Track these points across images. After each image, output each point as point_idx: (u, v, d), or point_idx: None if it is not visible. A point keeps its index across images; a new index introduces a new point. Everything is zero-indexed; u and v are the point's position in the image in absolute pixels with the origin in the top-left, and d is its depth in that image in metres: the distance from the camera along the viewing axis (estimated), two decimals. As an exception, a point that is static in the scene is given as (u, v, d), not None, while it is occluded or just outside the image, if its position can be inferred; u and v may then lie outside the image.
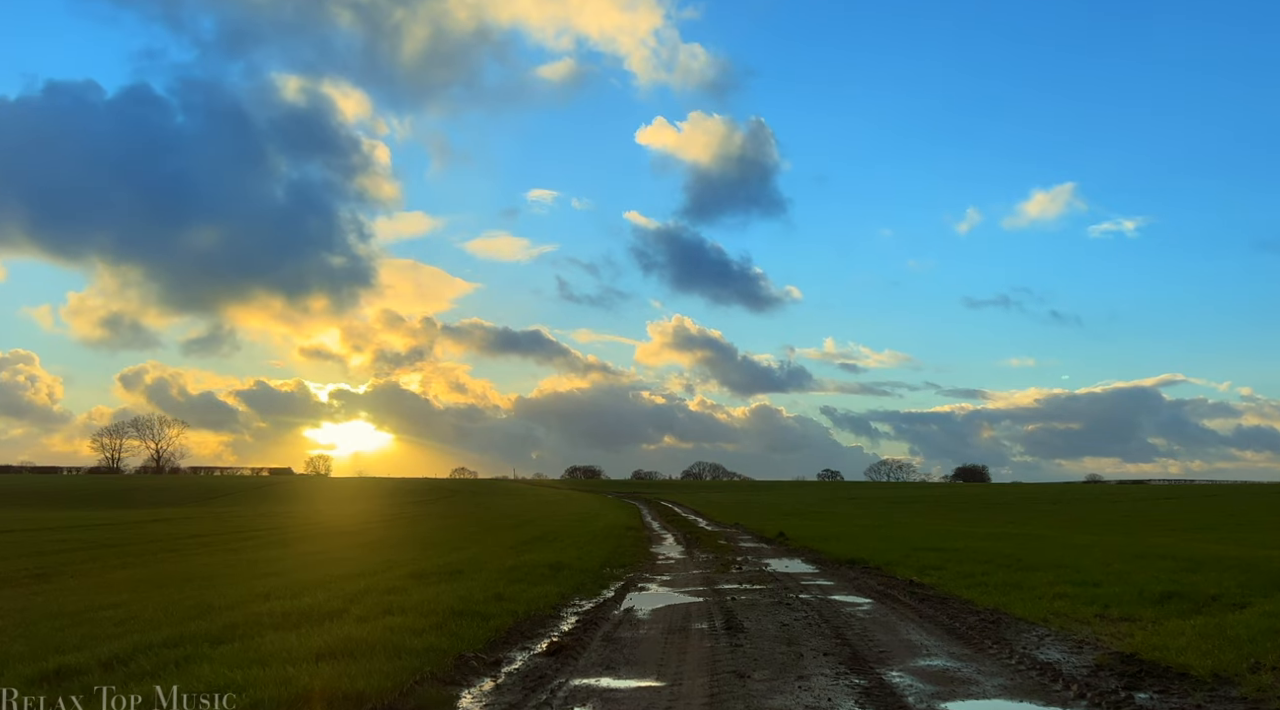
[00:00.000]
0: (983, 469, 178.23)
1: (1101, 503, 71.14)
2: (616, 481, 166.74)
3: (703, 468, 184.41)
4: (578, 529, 33.82)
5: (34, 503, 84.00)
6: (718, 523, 42.24)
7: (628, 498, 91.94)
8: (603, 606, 13.55)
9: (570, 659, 9.54)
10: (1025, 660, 9.25)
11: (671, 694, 8.01)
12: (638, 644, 10.46)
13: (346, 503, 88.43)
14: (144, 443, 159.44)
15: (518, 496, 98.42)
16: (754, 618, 12.29)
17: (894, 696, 7.81)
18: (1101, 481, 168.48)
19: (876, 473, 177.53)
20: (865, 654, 9.69)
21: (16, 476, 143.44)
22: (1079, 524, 42.44)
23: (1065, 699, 7.77)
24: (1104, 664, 8.96)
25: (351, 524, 46.29)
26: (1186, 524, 41.36)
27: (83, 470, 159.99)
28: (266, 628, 10.38)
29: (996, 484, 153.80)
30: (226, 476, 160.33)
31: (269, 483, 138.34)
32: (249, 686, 7.34)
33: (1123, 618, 11.56)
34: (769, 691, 8.02)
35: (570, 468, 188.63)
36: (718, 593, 15.15)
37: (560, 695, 7.98)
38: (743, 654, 9.75)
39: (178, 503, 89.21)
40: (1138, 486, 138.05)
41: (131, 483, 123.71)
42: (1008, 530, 33.06)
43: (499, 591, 13.62)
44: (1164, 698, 7.69)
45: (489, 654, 9.65)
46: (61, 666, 8.27)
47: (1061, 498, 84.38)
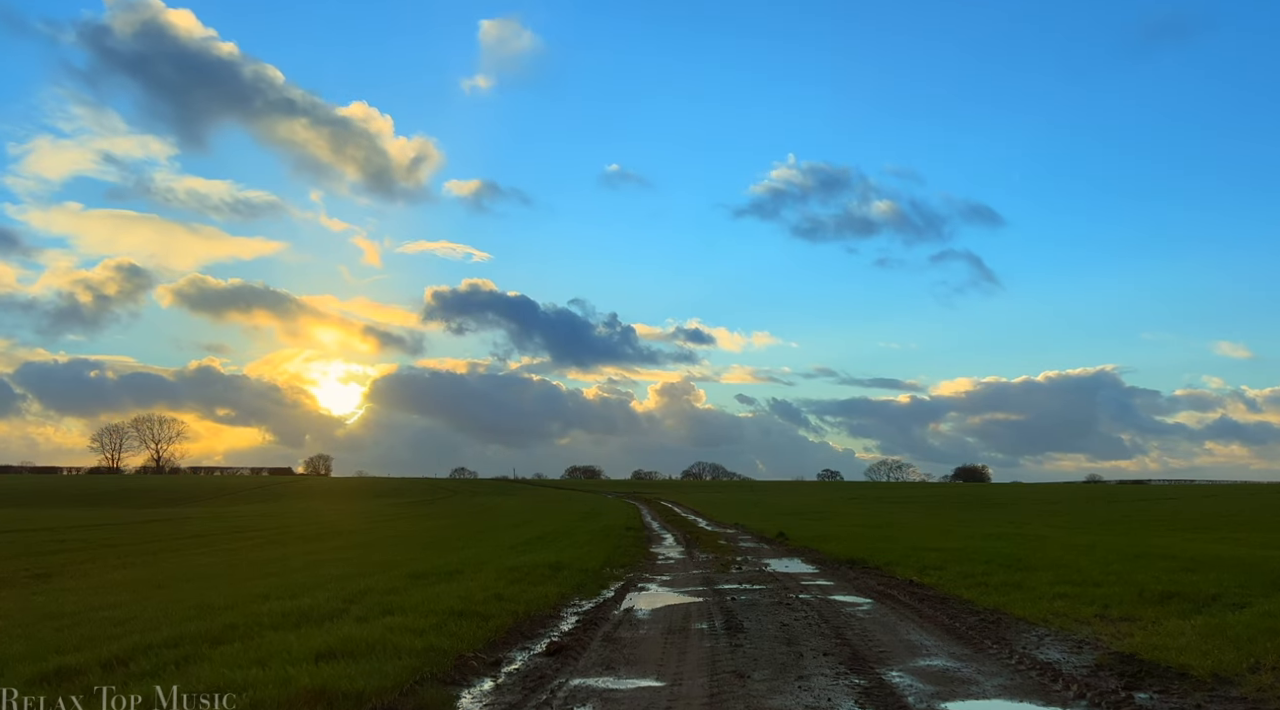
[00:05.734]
0: (983, 469, 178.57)
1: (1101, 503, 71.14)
2: (616, 481, 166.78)
3: (702, 467, 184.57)
4: (577, 529, 33.82)
5: (34, 503, 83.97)
6: (717, 523, 42.22)
7: (627, 498, 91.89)
8: (603, 606, 13.54)
9: (570, 659, 9.54)
10: (1025, 660, 9.24)
11: (671, 694, 8.01)
12: (638, 644, 10.45)
13: (346, 502, 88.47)
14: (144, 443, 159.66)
15: (517, 496, 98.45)
16: (754, 618, 12.29)
17: (894, 696, 7.81)
18: (1101, 481, 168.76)
19: (876, 473, 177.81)
20: (865, 654, 9.68)
21: (16, 476, 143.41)
22: (1079, 524, 42.44)
23: (1065, 699, 7.77)
24: (1104, 664, 8.96)
25: (351, 524, 46.30)
26: (1186, 524, 41.34)
27: (83, 470, 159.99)
28: (266, 628, 10.38)
29: (996, 484, 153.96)
30: (226, 476, 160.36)
31: (268, 483, 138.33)
32: (249, 686, 7.34)
33: (1123, 618, 11.56)
34: (769, 692, 8.02)
35: (570, 468, 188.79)
36: (718, 593, 15.15)
37: (560, 695, 7.98)
38: (743, 654, 9.75)
39: (178, 503, 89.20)
40: (1137, 486, 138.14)
41: (131, 483, 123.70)
42: (1008, 530, 33.05)
43: (499, 591, 13.61)
44: (1164, 698, 7.69)
45: (489, 654, 9.65)
46: (61, 667, 8.26)
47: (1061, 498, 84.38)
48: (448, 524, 43.37)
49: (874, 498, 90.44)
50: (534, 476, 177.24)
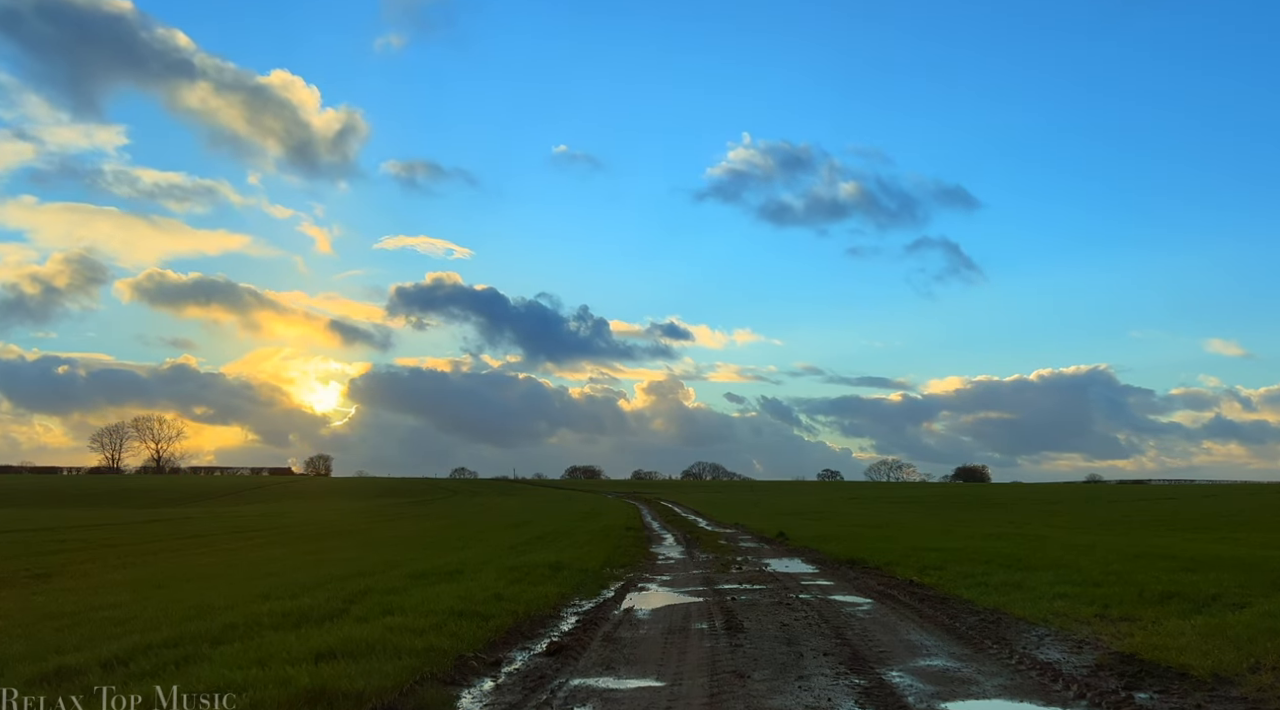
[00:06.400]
0: (983, 469, 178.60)
1: (1101, 503, 71.12)
2: (616, 481, 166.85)
3: (703, 467, 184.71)
4: (577, 529, 33.82)
5: (34, 503, 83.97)
6: (717, 523, 42.22)
7: (627, 498, 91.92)
8: (603, 606, 13.54)
9: (570, 659, 9.54)
10: (1025, 660, 9.24)
11: (671, 694, 8.01)
12: (638, 644, 10.45)
13: (346, 502, 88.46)
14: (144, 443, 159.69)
15: (517, 496, 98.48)
16: (754, 618, 12.28)
17: (894, 696, 7.81)
18: (1101, 482, 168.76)
19: (876, 473, 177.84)
20: (865, 654, 9.68)
21: (16, 476, 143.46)
22: (1079, 524, 42.42)
23: (1065, 699, 7.77)
24: (1104, 664, 8.96)
25: (351, 524, 46.27)
26: (1186, 524, 41.32)
27: (83, 470, 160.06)
28: (266, 628, 10.37)
29: (996, 484, 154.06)
30: (226, 476, 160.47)
31: (268, 483, 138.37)
32: (249, 686, 7.34)
33: (1123, 618, 11.56)
34: (769, 692, 8.02)
35: (570, 468, 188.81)
36: (718, 593, 15.15)
37: (560, 695, 7.98)
38: (743, 654, 9.75)
39: (178, 503, 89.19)
40: (1137, 486, 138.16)
41: (131, 483, 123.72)
42: (1008, 530, 33.04)
43: (499, 591, 13.61)
44: (1164, 698, 7.69)
45: (489, 654, 9.65)
46: (61, 667, 8.25)
47: (1061, 498, 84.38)
48: (448, 524, 43.36)
49: (874, 498, 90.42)
50: (534, 476, 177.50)
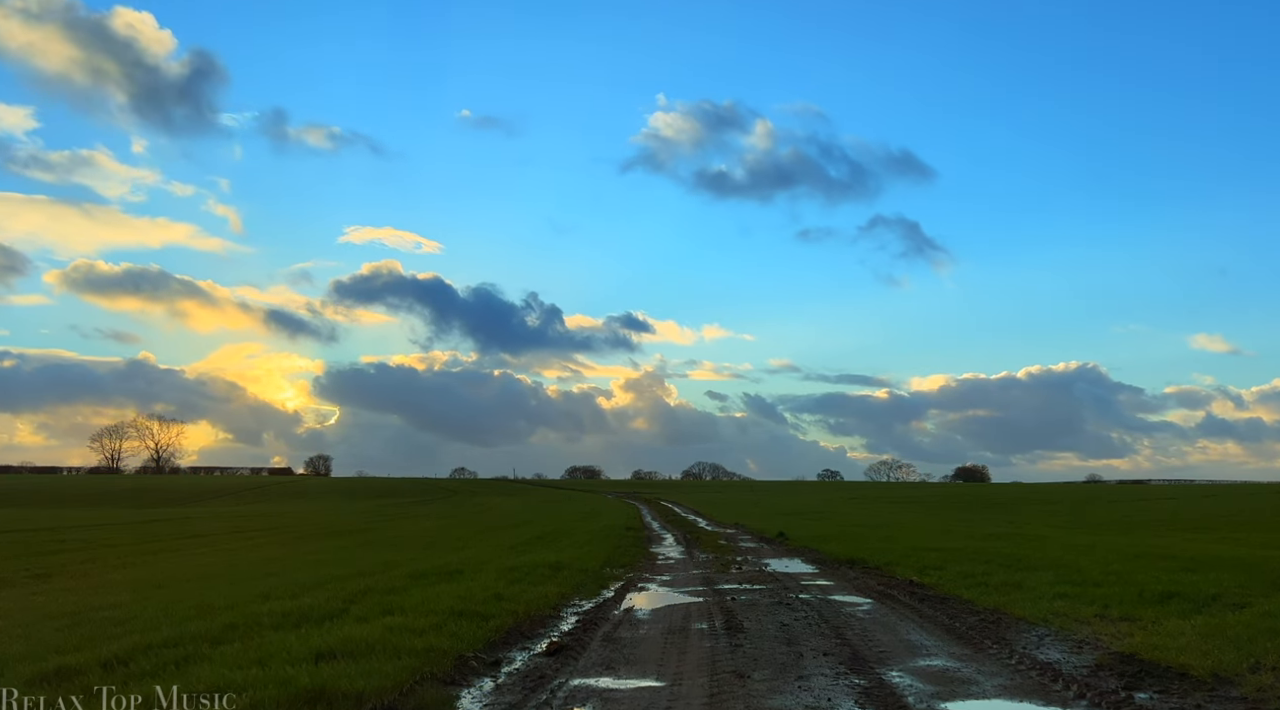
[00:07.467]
0: (983, 469, 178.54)
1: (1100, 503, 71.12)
2: (616, 481, 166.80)
3: (703, 468, 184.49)
4: (577, 529, 33.82)
5: (34, 503, 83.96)
6: (717, 523, 42.22)
7: (627, 498, 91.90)
8: (603, 606, 13.54)
9: (570, 659, 9.54)
10: (1025, 660, 9.25)
11: (671, 694, 8.01)
12: (638, 644, 10.46)
13: (345, 502, 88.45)
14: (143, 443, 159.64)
15: (517, 496, 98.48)
16: (754, 618, 12.29)
17: (894, 696, 7.81)
18: (1100, 481, 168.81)
19: (876, 473, 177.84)
20: (865, 654, 9.69)
21: (16, 476, 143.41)
22: (1079, 524, 42.44)
23: (1065, 699, 7.77)
24: (1104, 664, 8.97)
25: (351, 523, 46.27)
26: (1186, 524, 41.33)
27: (83, 470, 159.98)
28: (266, 628, 10.38)
29: (996, 484, 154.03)
30: (226, 476, 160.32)
31: (268, 483, 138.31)
32: (249, 686, 7.34)
33: (1123, 618, 11.56)
34: (769, 692, 8.02)
35: (570, 468, 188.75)
36: (718, 593, 15.15)
37: (560, 695, 7.98)
38: (743, 654, 9.75)
39: (178, 503, 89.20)
40: (1136, 486, 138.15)
41: (131, 483, 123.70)
42: (1008, 530, 33.04)
43: (499, 591, 13.62)
44: (1164, 698, 7.69)
45: (489, 654, 9.65)
46: (61, 667, 8.25)
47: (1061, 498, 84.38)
48: (448, 524, 43.37)
49: (874, 498, 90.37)
50: (534, 476, 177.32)
